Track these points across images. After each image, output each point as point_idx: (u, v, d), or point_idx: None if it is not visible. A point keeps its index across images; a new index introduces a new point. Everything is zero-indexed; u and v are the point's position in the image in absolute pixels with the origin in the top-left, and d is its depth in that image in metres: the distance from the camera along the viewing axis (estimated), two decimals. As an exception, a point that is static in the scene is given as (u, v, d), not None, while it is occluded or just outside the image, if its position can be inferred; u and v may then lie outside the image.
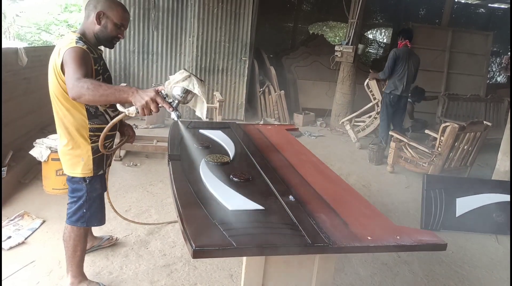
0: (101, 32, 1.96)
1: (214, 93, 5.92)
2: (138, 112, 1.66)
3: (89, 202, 2.10)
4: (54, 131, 4.07)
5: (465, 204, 3.47)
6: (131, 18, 5.49)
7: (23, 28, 9.96)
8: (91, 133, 2.02)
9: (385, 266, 2.84)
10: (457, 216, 3.45)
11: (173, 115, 1.73)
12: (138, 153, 4.64)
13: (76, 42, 1.84)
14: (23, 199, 3.36)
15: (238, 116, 6.98)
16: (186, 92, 1.74)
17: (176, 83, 1.73)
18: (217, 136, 2.64)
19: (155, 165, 4.45)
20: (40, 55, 4.60)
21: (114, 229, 2.96)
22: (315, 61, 8.37)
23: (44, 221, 3.01)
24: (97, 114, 2.01)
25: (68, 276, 2.22)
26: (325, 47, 8.51)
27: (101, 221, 2.21)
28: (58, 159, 3.37)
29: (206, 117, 1.87)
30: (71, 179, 2.09)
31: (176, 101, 1.75)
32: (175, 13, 6.47)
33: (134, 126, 2.31)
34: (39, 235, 2.83)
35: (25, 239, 2.74)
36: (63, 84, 1.84)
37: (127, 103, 1.69)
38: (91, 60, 1.88)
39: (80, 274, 2.23)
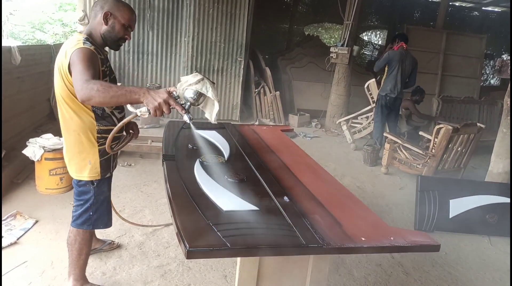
0: (108, 33, 1.93)
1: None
2: (149, 113, 1.63)
3: (96, 205, 2.06)
4: (47, 131, 4.06)
5: (458, 206, 3.48)
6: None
7: (17, 26, 9.89)
8: (99, 135, 1.98)
9: (379, 267, 2.85)
10: (450, 217, 3.47)
11: (185, 118, 1.70)
12: (133, 153, 4.62)
13: (84, 43, 1.81)
14: (16, 199, 3.33)
15: (233, 117, 6.98)
16: (199, 95, 1.72)
17: (188, 86, 1.72)
18: (212, 136, 2.63)
19: (149, 165, 4.43)
20: (34, 54, 4.57)
21: (108, 230, 2.94)
22: (310, 62, 8.39)
23: (36, 221, 2.99)
24: (104, 116, 1.98)
25: (70, 280, 2.17)
26: (321, 49, 8.54)
27: (107, 224, 2.17)
28: (51, 159, 3.41)
29: (215, 121, 1.90)
30: (78, 182, 2.04)
31: (188, 103, 1.73)
32: (171, 13, 6.45)
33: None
34: (32, 235, 2.81)
35: (18, 239, 2.72)
36: (70, 86, 1.81)
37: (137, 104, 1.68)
38: (98, 61, 1.85)
39: (82, 278, 2.20)
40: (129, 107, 1.81)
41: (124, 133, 2.21)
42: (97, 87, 1.59)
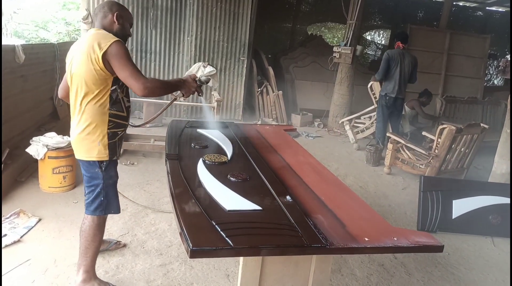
0: (120, 31, 2.16)
1: (212, 93, 5.92)
2: (183, 95, 2.25)
3: (106, 190, 2.18)
4: (50, 129, 4.07)
5: (461, 206, 3.47)
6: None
7: (20, 25, 9.91)
8: (110, 119, 2.12)
9: (382, 267, 2.85)
10: (453, 218, 3.46)
11: (202, 99, 2.66)
12: (135, 152, 4.63)
13: (115, 37, 2.02)
14: (19, 197, 3.34)
15: (236, 116, 6.98)
16: (208, 79, 2.43)
17: (206, 73, 2.46)
18: (215, 135, 2.64)
19: (152, 164, 4.44)
20: (37, 52, 4.58)
21: (110, 228, 2.95)
22: (313, 61, 8.38)
23: (40, 220, 2.99)
24: (116, 101, 2.13)
25: (80, 272, 2.20)
26: (324, 48, 8.52)
27: (117, 208, 2.29)
28: (55, 157, 3.42)
29: (215, 89, 2.65)
30: (87, 166, 2.16)
31: (203, 85, 2.40)
32: (174, 12, 6.46)
33: (130, 124, 2.38)
34: (35, 234, 2.81)
35: (21, 237, 2.73)
36: (100, 71, 1.99)
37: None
38: None
39: (92, 269, 2.23)
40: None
41: (129, 123, 2.36)
42: (157, 85, 2.03)
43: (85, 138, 2.11)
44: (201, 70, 2.51)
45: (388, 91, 5.43)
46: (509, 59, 3.79)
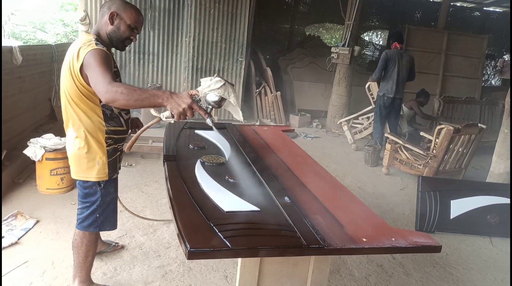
0: (113, 33, 1.94)
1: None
2: (173, 117, 1.66)
3: (102, 207, 2.04)
4: (48, 131, 4.06)
5: (459, 206, 3.48)
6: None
7: (18, 26, 9.89)
8: (107, 136, 1.97)
9: (380, 268, 2.85)
10: (451, 218, 3.46)
11: (208, 121, 1.71)
12: (133, 153, 4.62)
13: (96, 44, 1.81)
14: (17, 199, 3.33)
15: (234, 117, 6.96)
16: (221, 99, 1.77)
17: (210, 90, 1.74)
18: (213, 136, 2.63)
19: (150, 166, 4.43)
20: (35, 54, 4.57)
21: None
22: (311, 62, 8.38)
23: (37, 221, 2.99)
24: (112, 117, 1.98)
25: (75, 282, 2.15)
26: (322, 49, 8.54)
27: (114, 225, 2.16)
28: (52, 159, 3.41)
29: (244, 119, 2.00)
30: (84, 184, 2.01)
31: (210, 107, 1.75)
32: (172, 13, 6.46)
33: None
34: (33, 236, 2.81)
35: (18, 239, 2.72)
36: (82, 87, 1.82)
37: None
38: (112, 62, 1.86)
39: (87, 279, 2.18)
40: (152, 111, 1.83)
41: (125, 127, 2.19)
42: (121, 89, 1.59)
43: (82, 156, 1.95)
44: (208, 84, 1.85)
45: (386, 91, 5.44)
46: (507, 59, 3.79)
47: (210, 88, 1.74)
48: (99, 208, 2.03)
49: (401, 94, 5.52)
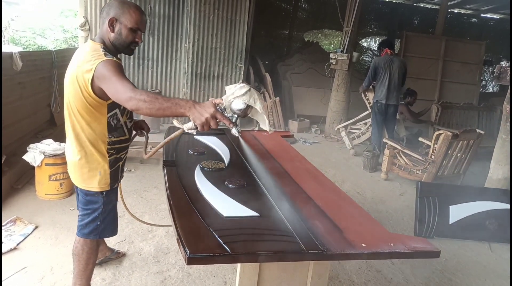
0: (116, 40, 1.87)
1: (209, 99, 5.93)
2: (197, 129, 1.58)
3: (104, 215, 2.01)
4: (48, 136, 4.07)
5: (458, 212, 3.48)
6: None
7: (18, 32, 9.92)
8: (109, 147, 1.94)
9: (379, 273, 2.85)
10: (450, 223, 3.47)
11: (234, 131, 1.64)
12: (133, 159, 4.61)
13: (105, 54, 1.76)
14: (16, 204, 3.33)
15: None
16: (247, 107, 1.65)
17: (235, 97, 1.64)
18: (212, 142, 2.64)
19: (149, 171, 4.43)
20: (35, 59, 4.58)
21: (108, 235, 2.94)
22: (310, 68, 8.42)
23: (36, 227, 2.98)
24: (117, 127, 1.94)
25: None
26: (320, 55, 8.58)
27: (113, 232, 2.13)
28: (52, 164, 3.41)
29: (271, 130, 1.82)
30: (86, 192, 1.98)
31: (236, 116, 1.66)
32: (171, 19, 6.49)
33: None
34: (32, 241, 2.80)
35: (17, 245, 2.71)
36: (89, 97, 1.78)
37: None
38: (123, 70, 1.80)
39: None
40: (174, 122, 1.77)
41: (133, 130, 2.16)
42: (144, 97, 1.56)
43: (83, 166, 1.92)
44: (232, 91, 1.69)
45: (379, 98, 5.47)
46: (505, 65, 3.81)
47: (234, 95, 1.64)
48: (101, 215, 2.00)
49: (394, 100, 5.49)
